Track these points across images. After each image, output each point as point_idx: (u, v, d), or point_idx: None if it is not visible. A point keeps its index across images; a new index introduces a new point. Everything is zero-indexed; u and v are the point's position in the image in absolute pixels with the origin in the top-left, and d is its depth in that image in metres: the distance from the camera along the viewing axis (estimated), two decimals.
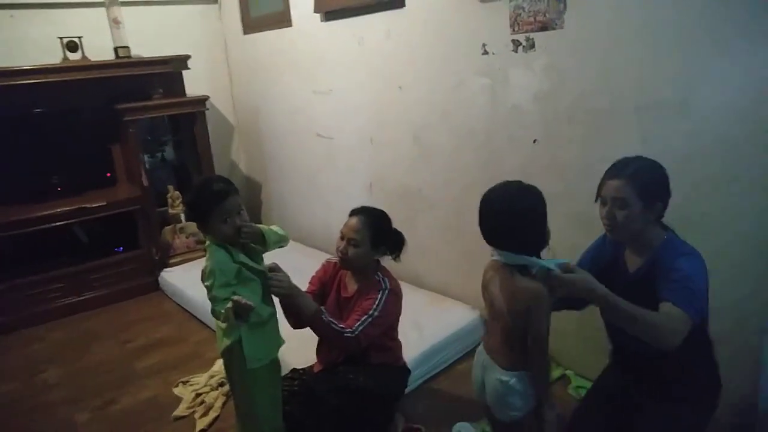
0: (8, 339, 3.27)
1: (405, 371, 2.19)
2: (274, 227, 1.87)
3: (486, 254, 1.54)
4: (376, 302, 1.92)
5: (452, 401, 2.38)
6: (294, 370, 2.18)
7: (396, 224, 2.10)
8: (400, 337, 2.18)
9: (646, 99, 1.97)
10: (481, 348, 1.69)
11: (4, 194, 3.50)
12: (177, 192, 3.95)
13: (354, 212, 2.04)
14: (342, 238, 2.00)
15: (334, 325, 1.85)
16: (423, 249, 3.07)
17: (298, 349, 2.16)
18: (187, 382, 2.63)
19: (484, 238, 1.56)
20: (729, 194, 1.81)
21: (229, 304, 1.57)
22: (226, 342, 1.75)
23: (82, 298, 3.58)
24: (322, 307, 1.89)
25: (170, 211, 3.97)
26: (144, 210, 3.73)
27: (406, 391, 2.28)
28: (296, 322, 1.96)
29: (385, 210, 2.09)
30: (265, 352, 1.79)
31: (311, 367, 2.19)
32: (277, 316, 1.86)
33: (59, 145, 3.62)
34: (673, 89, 1.90)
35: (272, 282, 1.74)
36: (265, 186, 4.61)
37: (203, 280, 1.69)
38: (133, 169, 3.82)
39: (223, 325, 1.73)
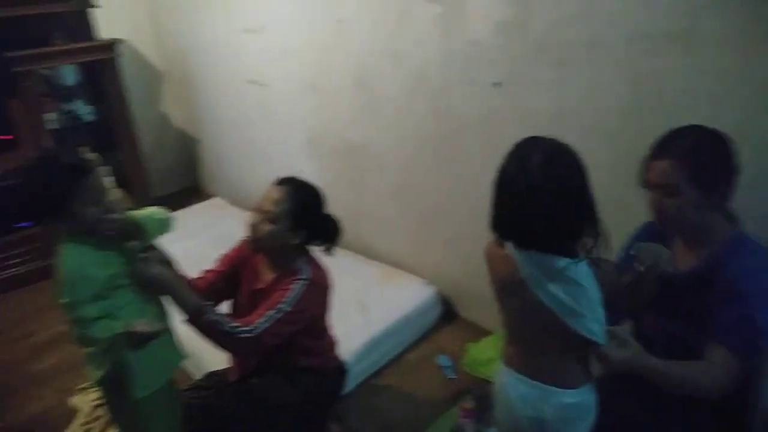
0: None
1: (339, 373, 1.82)
2: (152, 209, 1.49)
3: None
4: (289, 294, 1.51)
5: (402, 399, 2.07)
6: (210, 375, 1.79)
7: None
8: (341, 322, 1.83)
9: (640, 27, 1.57)
10: (511, 379, 1.27)
11: None
12: (95, 155, 3.42)
13: (279, 181, 1.62)
14: (257, 210, 1.57)
15: (221, 326, 1.44)
16: (371, 215, 2.65)
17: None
18: (87, 389, 2.24)
19: (496, 231, 1.15)
20: (751, 139, 1.39)
21: (120, 330, 1.26)
22: (99, 373, 1.37)
23: None
24: (209, 303, 1.48)
25: None
26: None
27: (345, 391, 1.93)
28: None
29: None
30: (157, 375, 1.44)
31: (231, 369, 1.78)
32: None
33: None
34: (674, 14, 1.49)
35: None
36: (201, 142, 4.08)
37: (58, 295, 1.28)
38: (36, 129, 3.25)
39: (91, 350, 1.33)
